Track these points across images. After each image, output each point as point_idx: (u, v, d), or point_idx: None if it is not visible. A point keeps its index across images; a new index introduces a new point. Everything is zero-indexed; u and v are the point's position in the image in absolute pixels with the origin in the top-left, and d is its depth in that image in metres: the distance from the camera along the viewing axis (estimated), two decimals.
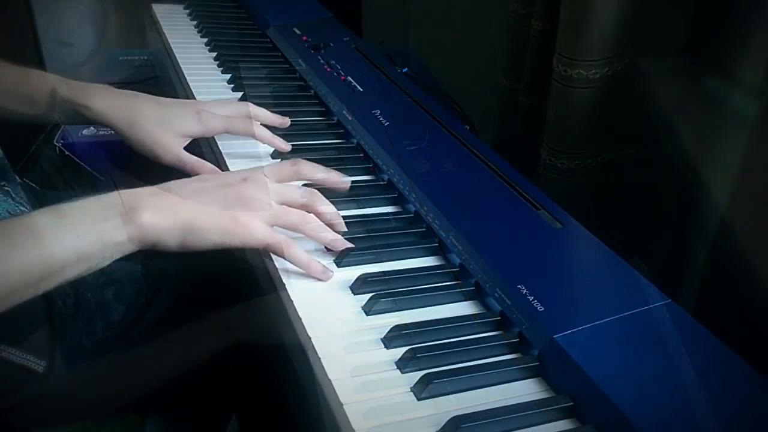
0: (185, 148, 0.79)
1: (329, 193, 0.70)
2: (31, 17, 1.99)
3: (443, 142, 0.82)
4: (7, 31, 1.91)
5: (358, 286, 0.61)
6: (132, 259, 0.80)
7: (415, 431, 0.48)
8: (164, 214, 0.59)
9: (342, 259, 0.64)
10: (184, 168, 0.76)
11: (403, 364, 0.53)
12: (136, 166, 0.78)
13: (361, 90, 0.93)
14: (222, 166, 0.79)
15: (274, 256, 0.64)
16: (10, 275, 0.52)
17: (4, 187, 0.77)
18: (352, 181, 0.78)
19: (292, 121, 0.87)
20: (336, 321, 0.58)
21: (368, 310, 0.59)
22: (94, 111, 0.78)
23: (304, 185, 0.70)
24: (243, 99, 0.91)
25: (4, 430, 0.70)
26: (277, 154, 0.82)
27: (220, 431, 0.93)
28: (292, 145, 0.83)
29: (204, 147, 0.84)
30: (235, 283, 0.76)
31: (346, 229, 0.67)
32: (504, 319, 0.58)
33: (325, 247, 0.66)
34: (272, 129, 0.85)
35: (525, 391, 0.53)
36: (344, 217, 0.69)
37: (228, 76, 1.01)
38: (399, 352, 0.54)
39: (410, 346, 0.54)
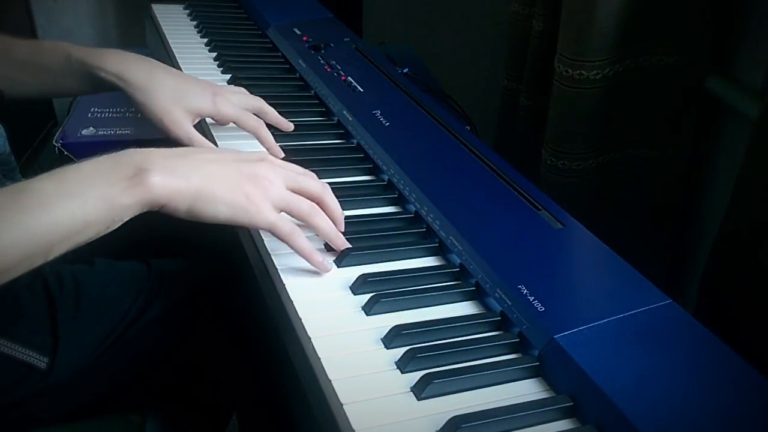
0: None
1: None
2: (31, 17, 1.99)
3: (443, 143, 0.82)
4: (7, 31, 1.92)
5: (358, 286, 0.61)
6: (134, 258, 0.80)
7: (415, 431, 0.48)
8: (176, 176, 0.58)
9: (342, 259, 0.64)
10: (191, 146, 0.76)
11: (403, 364, 0.53)
12: None
13: (361, 90, 0.93)
14: None
15: (274, 256, 0.64)
16: (21, 241, 0.52)
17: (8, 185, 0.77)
18: (353, 181, 0.78)
19: (292, 121, 0.87)
20: (336, 321, 0.58)
21: (368, 310, 0.59)
22: (109, 73, 0.77)
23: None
24: None
25: (6, 426, 0.70)
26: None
27: (220, 431, 0.93)
28: (293, 145, 0.83)
29: None
30: (235, 283, 0.76)
31: (344, 229, 0.67)
32: (504, 319, 0.58)
33: (325, 245, 0.66)
34: (272, 128, 0.85)
35: (525, 391, 0.53)
36: (345, 217, 0.69)
37: (228, 76, 1.01)
38: (399, 352, 0.54)
39: (410, 346, 0.54)
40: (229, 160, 0.62)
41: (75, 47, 0.79)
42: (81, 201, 0.54)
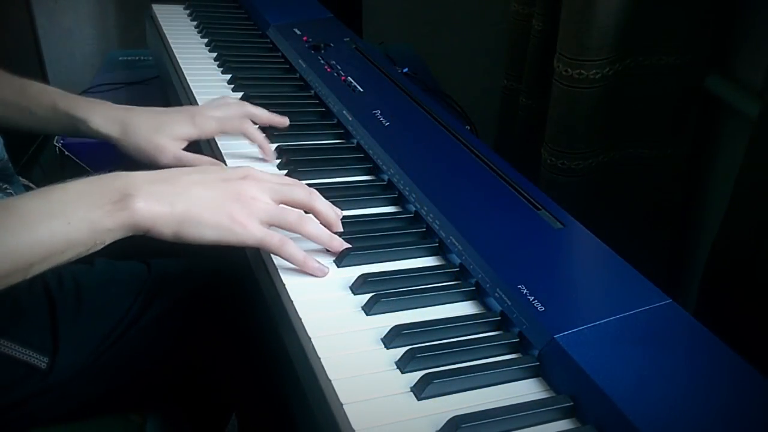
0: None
1: (329, 193, 0.70)
2: (32, 17, 1.99)
3: (443, 143, 0.82)
4: (7, 31, 1.92)
5: (358, 286, 0.61)
6: (134, 258, 0.80)
7: (415, 431, 0.48)
8: (161, 202, 0.59)
9: (342, 259, 0.64)
10: (183, 166, 0.77)
11: (403, 364, 0.53)
12: (135, 166, 0.78)
13: (361, 90, 0.93)
14: None
15: (274, 256, 0.64)
16: (2, 260, 0.53)
17: (7, 189, 0.77)
18: (353, 181, 0.78)
19: (291, 121, 0.87)
20: (336, 321, 0.57)
21: (368, 310, 0.59)
22: (91, 126, 0.79)
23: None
24: (243, 99, 0.91)
25: (6, 426, 0.70)
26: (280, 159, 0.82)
27: (219, 431, 0.93)
28: (292, 145, 0.83)
29: (204, 148, 0.84)
30: (235, 283, 0.76)
31: (341, 230, 0.67)
32: (504, 319, 0.58)
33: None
34: (271, 128, 0.85)
35: (525, 391, 0.53)
36: (344, 217, 0.69)
37: (228, 76, 1.01)
38: (399, 352, 0.54)
39: (410, 346, 0.54)
40: (214, 181, 0.63)
41: (61, 96, 0.81)
42: (64, 222, 0.55)
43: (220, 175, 0.64)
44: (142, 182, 0.60)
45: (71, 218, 0.56)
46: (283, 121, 0.86)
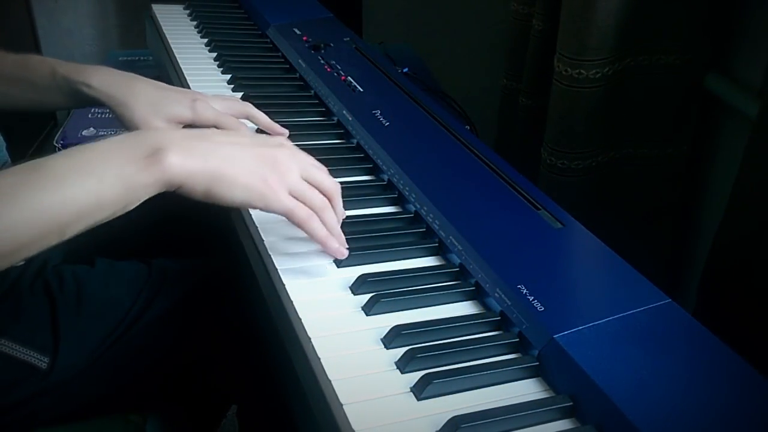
0: None
1: None
2: (32, 17, 1.99)
3: (443, 143, 0.82)
4: (7, 31, 1.92)
5: (358, 286, 0.61)
6: (135, 257, 0.80)
7: (415, 431, 0.48)
8: (194, 157, 0.58)
9: (342, 259, 0.64)
10: None
11: (403, 364, 0.53)
12: None
13: (361, 90, 0.93)
14: None
15: (274, 257, 0.64)
16: (35, 219, 0.52)
17: None
18: (353, 181, 0.78)
19: (291, 121, 0.86)
20: (336, 321, 0.58)
21: (368, 310, 0.59)
22: (93, 89, 0.78)
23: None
24: (243, 99, 0.91)
25: (7, 427, 0.70)
26: None
27: (218, 421, 0.93)
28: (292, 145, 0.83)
29: None
30: (235, 284, 0.76)
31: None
32: (504, 319, 0.58)
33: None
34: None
35: (525, 391, 0.53)
36: (345, 217, 0.69)
37: (228, 76, 1.01)
38: (399, 352, 0.54)
39: (410, 346, 0.54)
40: (248, 144, 0.62)
41: (60, 63, 0.80)
42: (96, 179, 0.54)
43: (256, 140, 0.64)
44: (175, 137, 0.58)
45: (103, 175, 0.54)
46: (283, 132, 0.85)
